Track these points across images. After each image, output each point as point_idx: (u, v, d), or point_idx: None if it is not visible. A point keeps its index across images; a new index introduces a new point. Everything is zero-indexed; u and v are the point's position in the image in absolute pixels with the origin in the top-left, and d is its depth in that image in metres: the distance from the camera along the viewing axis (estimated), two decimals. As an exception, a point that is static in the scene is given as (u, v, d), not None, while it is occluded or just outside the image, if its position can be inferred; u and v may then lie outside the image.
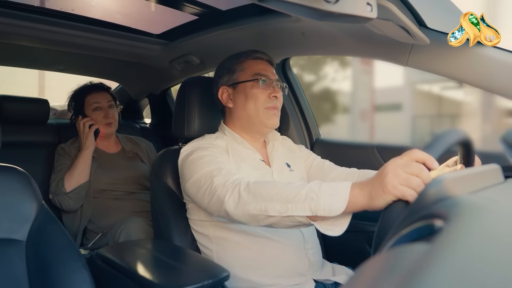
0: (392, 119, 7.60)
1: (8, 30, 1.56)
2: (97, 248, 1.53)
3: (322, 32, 1.31)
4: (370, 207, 0.72)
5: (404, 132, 7.09)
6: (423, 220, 0.41)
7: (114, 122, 1.92)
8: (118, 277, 1.04)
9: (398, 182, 0.67)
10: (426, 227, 0.39)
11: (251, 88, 1.16)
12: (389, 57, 1.27)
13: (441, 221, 0.38)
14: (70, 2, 1.49)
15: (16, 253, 0.91)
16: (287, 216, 0.81)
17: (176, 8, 1.48)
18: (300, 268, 1.10)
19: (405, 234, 0.41)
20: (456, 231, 0.34)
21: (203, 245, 1.16)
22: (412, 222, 0.43)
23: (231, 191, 0.90)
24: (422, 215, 0.42)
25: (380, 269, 0.34)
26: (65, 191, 1.71)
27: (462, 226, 0.35)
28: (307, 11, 0.66)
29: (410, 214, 0.47)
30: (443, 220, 0.38)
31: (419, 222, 0.41)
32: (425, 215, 0.42)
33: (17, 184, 0.95)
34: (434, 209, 0.41)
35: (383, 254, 0.38)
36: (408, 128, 7.16)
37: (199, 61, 1.83)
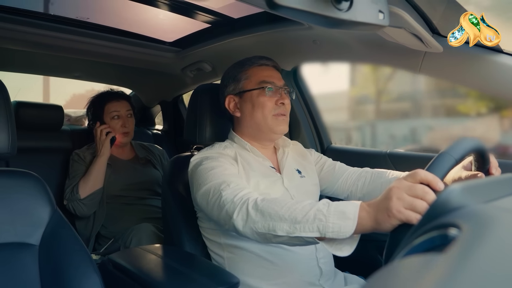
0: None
1: (25, 39, 1.59)
2: (109, 253, 1.54)
3: (333, 39, 1.31)
4: (377, 230, 0.72)
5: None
6: (436, 230, 0.40)
7: (131, 132, 1.94)
8: (128, 283, 1.04)
9: (403, 206, 0.67)
10: (439, 237, 0.39)
11: (258, 96, 1.15)
12: (401, 64, 1.27)
13: (455, 231, 0.37)
14: (86, 10, 1.52)
15: (29, 257, 0.92)
16: (295, 237, 0.81)
17: (189, 16, 1.49)
18: (312, 278, 1.09)
19: (418, 244, 0.41)
20: (471, 242, 0.33)
21: (215, 252, 1.16)
22: (425, 232, 0.42)
23: (239, 208, 0.90)
24: (435, 225, 0.41)
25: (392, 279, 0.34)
26: (80, 197, 1.72)
27: (477, 236, 0.34)
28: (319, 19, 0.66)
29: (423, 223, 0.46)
30: (457, 230, 0.37)
31: (432, 232, 0.40)
32: (438, 224, 0.41)
33: (31, 189, 0.97)
34: (448, 218, 0.41)
35: (396, 264, 0.38)
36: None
37: (211, 68, 1.85)
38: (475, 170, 0.87)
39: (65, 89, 3.15)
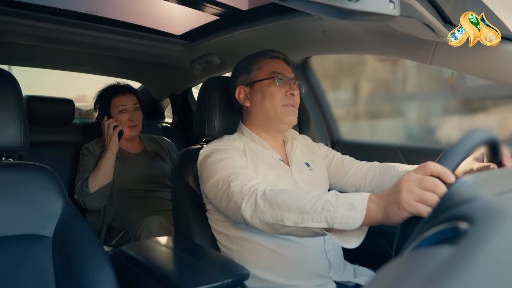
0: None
1: (35, 33, 1.61)
2: (120, 245, 1.56)
3: (343, 30, 1.29)
4: (386, 222, 0.72)
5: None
6: (448, 222, 0.40)
7: (138, 125, 1.95)
8: (139, 274, 1.06)
9: (413, 198, 0.66)
10: (450, 229, 0.38)
11: (268, 86, 1.16)
12: (412, 55, 1.25)
13: (466, 224, 0.37)
14: (95, 4, 1.52)
15: (43, 249, 0.93)
16: (302, 227, 0.81)
17: (197, 8, 1.49)
18: (321, 270, 1.09)
19: (429, 236, 0.40)
20: (483, 235, 0.33)
21: (224, 244, 1.17)
22: (436, 224, 0.41)
23: (248, 198, 0.90)
24: (446, 217, 0.41)
25: (402, 271, 0.33)
26: (90, 192, 1.75)
27: (489, 229, 0.34)
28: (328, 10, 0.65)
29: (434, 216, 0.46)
30: (468, 222, 0.36)
31: (444, 224, 0.40)
32: (449, 216, 0.41)
33: (44, 182, 0.98)
34: (459, 210, 0.40)
35: (406, 256, 0.38)
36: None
37: (219, 61, 1.84)
38: (487, 162, 0.86)
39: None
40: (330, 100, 1.73)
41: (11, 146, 0.95)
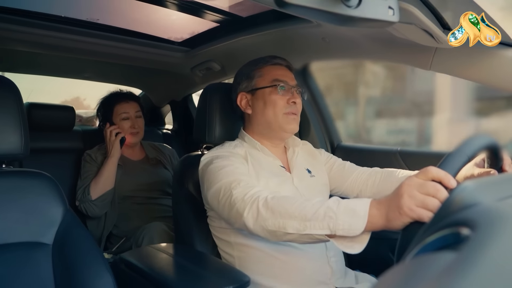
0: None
1: (36, 40, 1.61)
2: (120, 252, 1.55)
3: (343, 37, 1.30)
4: (388, 228, 0.71)
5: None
6: (449, 228, 0.40)
7: (140, 132, 1.95)
8: (140, 281, 1.05)
9: (414, 203, 0.66)
10: (452, 235, 0.38)
11: (270, 94, 1.16)
12: (412, 61, 1.25)
13: (467, 229, 0.36)
14: (95, 12, 1.53)
15: (43, 256, 0.93)
16: (305, 234, 0.80)
17: (197, 15, 1.50)
18: (322, 276, 1.09)
19: (430, 242, 0.40)
20: (484, 240, 0.33)
21: (225, 251, 1.16)
22: (437, 230, 0.41)
23: (250, 206, 0.90)
24: (448, 223, 0.41)
25: (404, 277, 0.33)
26: (91, 198, 1.74)
27: (490, 235, 0.33)
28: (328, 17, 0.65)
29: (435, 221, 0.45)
30: (470, 228, 0.36)
31: (445, 230, 0.40)
32: (451, 222, 0.40)
33: (44, 189, 0.98)
34: (461, 216, 0.40)
35: (407, 263, 0.37)
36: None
37: (220, 67, 1.85)
38: (488, 167, 0.86)
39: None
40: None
41: (11, 153, 0.95)
